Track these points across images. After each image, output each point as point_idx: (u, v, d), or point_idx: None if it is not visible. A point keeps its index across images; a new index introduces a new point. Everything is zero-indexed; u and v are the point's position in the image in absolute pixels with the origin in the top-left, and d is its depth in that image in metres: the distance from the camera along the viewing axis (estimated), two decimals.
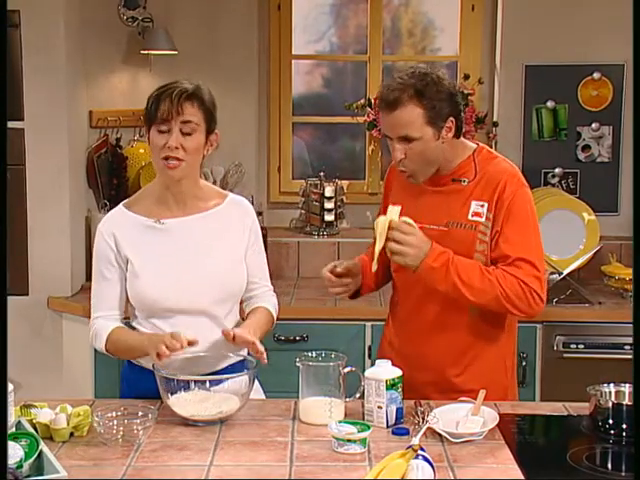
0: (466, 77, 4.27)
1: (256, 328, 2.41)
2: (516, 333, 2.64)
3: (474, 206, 2.47)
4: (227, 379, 2.28)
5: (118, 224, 2.44)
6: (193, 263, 2.41)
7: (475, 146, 2.55)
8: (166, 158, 2.33)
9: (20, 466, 1.90)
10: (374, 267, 2.44)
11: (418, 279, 2.45)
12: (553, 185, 4.25)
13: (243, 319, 2.54)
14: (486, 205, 2.46)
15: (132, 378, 2.49)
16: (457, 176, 2.51)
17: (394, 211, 2.41)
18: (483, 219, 2.46)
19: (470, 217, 2.47)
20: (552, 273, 3.89)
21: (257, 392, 2.50)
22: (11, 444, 1.93)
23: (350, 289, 2.62)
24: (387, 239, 2.39)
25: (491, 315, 2.50)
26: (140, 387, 2.41)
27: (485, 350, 2.54)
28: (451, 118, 2.43)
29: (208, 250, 2.43)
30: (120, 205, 2.49)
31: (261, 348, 2.32)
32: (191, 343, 2.27)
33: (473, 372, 2.53)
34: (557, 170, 4.25)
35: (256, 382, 2.43)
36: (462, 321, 2.51)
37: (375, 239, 2.41)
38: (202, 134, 2.36)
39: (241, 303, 2.57)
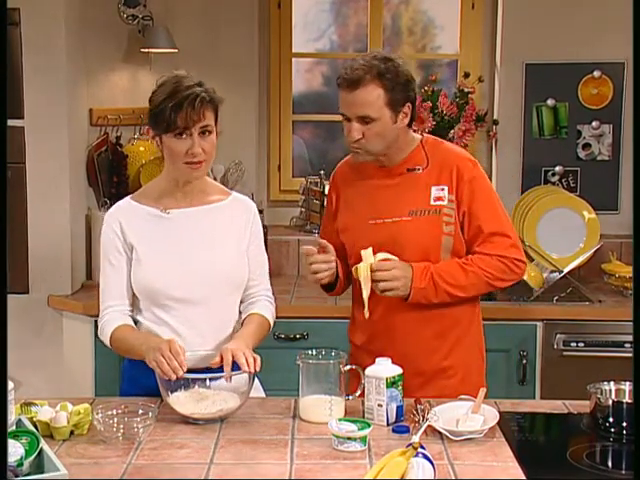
0: (466, 75, 4.26)
1: (247, 340, 2.38)
2: (481, 321, 2.70)
3: (434, 191, 2.54)
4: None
5: (124, 213, 2.48)
6: (197, 253, 2.44)
7: (420, 136, 2.63)
8: (189, 162, 2.37)
9: (20, 464, 1.90)
10: (367, 314, 2.48)
11: None
12: (553, 183, 4.25)
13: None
14: (446, 188, 2.54)
15: (132, 374, 2.49)
16: (410, 165, 2.57)
17: (368, 254, 2.48)
18: (446, 202, 2.53)
19: (432, 202, 2.54)
20: (552, 271, 3.89)
21: (257, 390, 2.51)
22: (11, 442, 1.93)
23: (332, 268, 2.54)
24: (373, 281, 2.45)
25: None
26: (140, 383, 2.42)
27: (463, 335, 2.61)
28: (408, 104, 2.50)
29: (212, 241, 2.46)
30: (127, 197, 2.54)
31: (244, 362, 2.26)
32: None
33: (456, 356, 2.59)
34: (557, 168, 4.25)
35: (256, 380, 2.43)
36: (430, 308, 2.54)
37: (359, 284, 2.46)
38: (215, 132, 2.41)
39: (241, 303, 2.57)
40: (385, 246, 2.50)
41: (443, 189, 2.53)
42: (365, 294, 2.46)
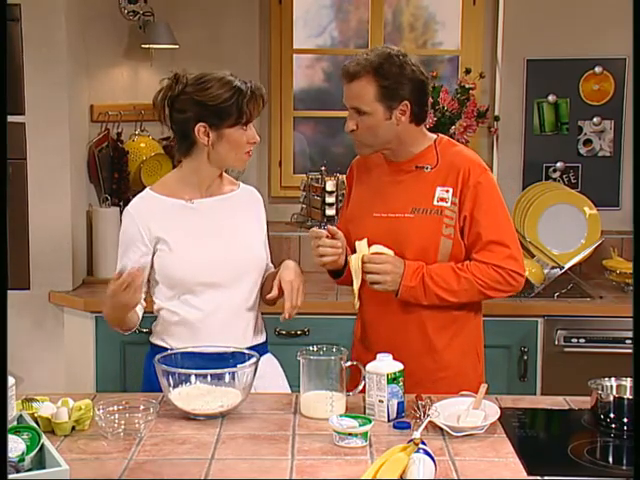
0: (467, 71, 4.26)
1: (297, 268, 2.56)
2: (482, 319, 2.68)
3: (439, 192, 2.53)
4: (228, 372, 2.29)
5: (148, 206, 2.52)
6: (224, 239, 2.52)
7: (435, 136, 2.62)
8: (248, 151, 2.52)
9: (22, 459, 1.90)
10: (356, 305, 2.52)
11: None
12: (554, 179, 4.25)
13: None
14: (451, 190, 2.52)
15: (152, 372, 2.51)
16: (420, 163, 2.57)
17: (362, 245, 2.49)
18: (449, 204, 2.52)
19: (435, 202, 2.53)
20: (553, 267, 3.89)
21: (284, 387, 2.63)
22: (13, 438, 1.93)
23: (337, 254, 2.53)
24: (363, 272, 2.47)
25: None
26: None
27: (456, 336, 2.59)
28: (405, 102, 2.49)
29: (235, 227, 2.56)
30: (147, 189, 2.57)
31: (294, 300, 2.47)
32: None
33: (448, 358, 2.58)
34: (558, 164, 4.25)
35: (279, 369, 2.62)
36: (428, 309, 2.54)
37: (352, 276, 2.50)
38: None
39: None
40: (385, 241, 2.51)
41: (448, 191, 2.52)
42: (355, 285, 2.49)
